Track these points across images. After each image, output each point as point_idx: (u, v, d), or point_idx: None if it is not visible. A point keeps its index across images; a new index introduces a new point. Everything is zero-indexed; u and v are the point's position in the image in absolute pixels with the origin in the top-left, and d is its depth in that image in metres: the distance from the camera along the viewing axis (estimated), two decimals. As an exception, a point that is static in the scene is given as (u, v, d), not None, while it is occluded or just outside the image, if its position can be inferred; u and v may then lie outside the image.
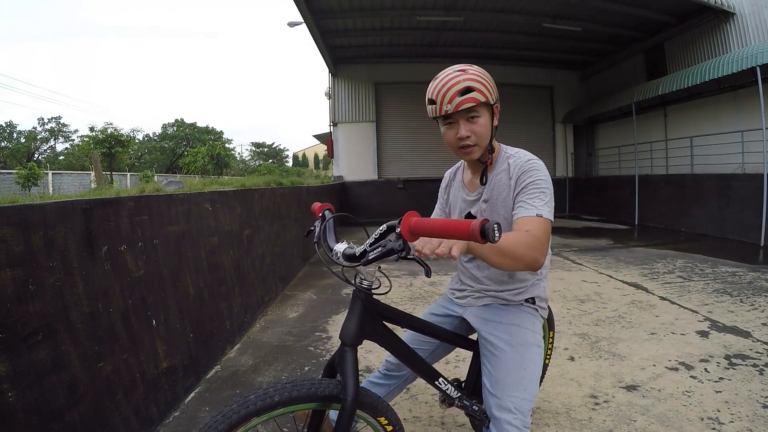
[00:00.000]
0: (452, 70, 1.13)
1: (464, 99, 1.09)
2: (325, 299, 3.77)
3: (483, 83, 1.11)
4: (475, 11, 8.33)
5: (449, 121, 1.16)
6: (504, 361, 1.17)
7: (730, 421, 1.76)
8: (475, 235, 0.69)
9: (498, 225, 0.70)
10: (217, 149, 20.80)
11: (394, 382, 1.40)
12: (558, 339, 2.71)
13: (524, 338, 1.20)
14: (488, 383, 1.18)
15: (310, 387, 0.92)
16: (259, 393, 0.88)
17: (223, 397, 2.07)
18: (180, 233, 2.27)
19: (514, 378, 1.15)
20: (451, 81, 1.10)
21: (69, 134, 31.24)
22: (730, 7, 7.40)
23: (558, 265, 4.92)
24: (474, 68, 1.14)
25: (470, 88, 1.09)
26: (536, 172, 1.13)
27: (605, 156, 10.92)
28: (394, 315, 1.11)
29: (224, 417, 0.84)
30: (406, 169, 11.07)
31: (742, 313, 3.09)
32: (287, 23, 9.79)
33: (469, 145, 1.15)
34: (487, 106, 1.15)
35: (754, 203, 6.14)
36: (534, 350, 1.20)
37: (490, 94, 1.13)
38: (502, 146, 1.26)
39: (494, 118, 1.19)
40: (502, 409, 1.11)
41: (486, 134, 1.16)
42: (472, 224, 0.69)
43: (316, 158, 42.08)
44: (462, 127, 1.14)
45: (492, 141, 1.20)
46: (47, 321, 1.33)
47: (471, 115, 1.13)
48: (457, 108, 1.10)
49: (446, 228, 0.74)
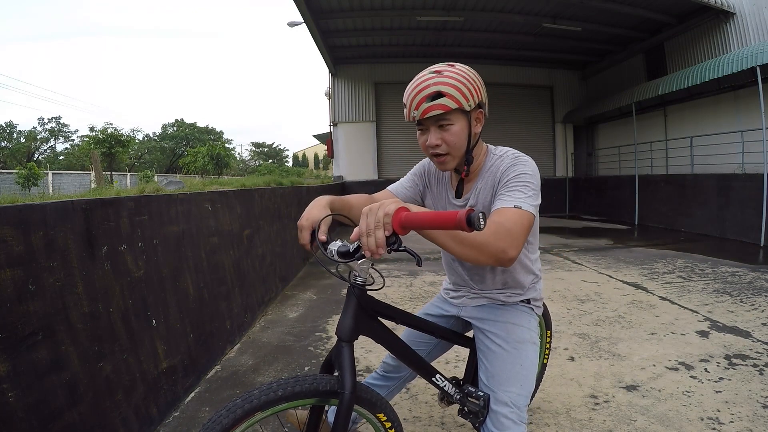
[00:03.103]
0: (427, 72, 1.04)
1: (432, 105, 1.01)
2: (325, 299, 3.77)
3: (459, 87, 1.01)
4: (475, 11, 8.34)
5: (420, 127, 1.09)
6: (500, 357, 1.18)
7: (730, 421, 1.76)
8: (462, 223, 0.72)
9: (483, 214, 0.72)
10: (217, 149, 20.78)
11: (393, 384, 1.40)
12: (558, 339, 2.71)
13: (520, 335, 1.20)
14: (484, 378, 1.19)
15: (312, 382, 0.94)
16: (262, 388, 0.89)
17: (223, 397, 2.07)
18: (180, 233, 2.27)
19: (510, 373, 1.15)
20: (422, 85, 1.02)
21: (69, 134, 31.30)
22: (730, 7, 7.40)
23: (558, 265, 4.92)
24: (453, 69, 1.04)
25: (441, 93, 1.00)
26: (521, 166, 1.05)
27: (605, 156, 10.92)
28: (388, 311, 1.12)
29: (228, 412, 0.85)
30: (406, 169, 10.82)
31: (742, 313, 3.09)
32: (287, 23, 9.80)
33: (440, 153, 1.07)
34: (463, 112, 1.04)
35: (754, 203, 6.14)
36: (529, 347, 1.20)
37: (467, 100, 1.02)
38: (490, 149, 1.17)
39: (476, 124, 1.09)
40: (499, 402, 1.11)
41: (459, 143, 1.06)
42: (459, 214, 0.73)
43: (316, 158, 42.08)
44: (432, 134, 1.06)
45: (472, 150, 1.10)
46: (47, 321, 1.33)
47: (441, 122, 1.04)
48: (424, 114, 1.02)
49: (435, 220, 0.79)
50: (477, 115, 1.09)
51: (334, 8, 8.07)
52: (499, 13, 8.43)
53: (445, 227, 0.77)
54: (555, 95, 11.76)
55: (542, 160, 11.52)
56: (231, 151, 29.76)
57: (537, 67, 11.38)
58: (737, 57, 6.30)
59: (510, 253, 0.88)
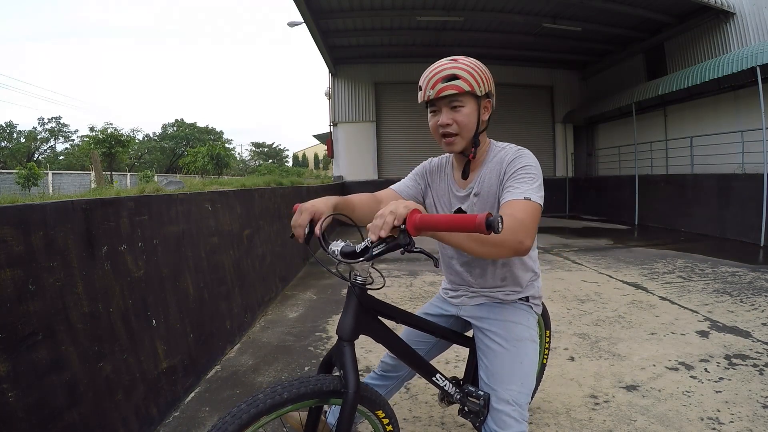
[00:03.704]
0: (445, 60, 1.14)
1: (447, 86, 1.09)
2: (325, 299, 3.77)
3: (472, 74, 1.10)
4: (475, 11, 8.34)
5: (433, 109, 1.16)
6: (500, 355, 1.18)
7: (730, 421, 1.76)
8: (481, 227, 0.73)
9: (501, 218, 0.75)
10: (217, 149, 20.79)
11: (391, 383, 1.40)
12: (558, 339, 2.71)
13: (519, 334, 1.21)
14: (485, 376, 1.19)
15: (316, 383, 0.93)
16: (267, 391, 0.88)
17: (223, 397, 2.07)
18: (180, 233, 2.27)
19: (510, 371, 1.15)
20: (439, 68, 1.11)
21: (69, 134, 31.31)
22: (730, 7, 7.40)
23: (558, 265, 4.92)
24: (468, 59, 1.13)
25: (455, 76, 1.09)
26: (525, 158, 1.12)
27: (605, 156, 10.92)
28: (388, 310, 1.12)
29: (234, 417, 0.83)
30: (406, 168, 10.87)
31: (742, 313, 3.09)
32: (287, 23, 9.80)
33: (450, 133, 1.13)
34: (474, 96, 1.12)
35: (754, 203, 6.14)
36: (529, 345, 1.21)
37: (478, 85, 1.10)
38: (492, 142, 1.24)
39: (484, 112, 1.17)
40: (500, 400, 1.12)
41: (469, 125, 1.13)
42: (478, 218, 0.74)
43: (316, 158, 42.08)
44: (444, 114, 1.13)
45: (479, 135, 1.17)
46: (47, 321, 1.33)
47: (454, 103, 1.11)
48: (439, 94, 1.09)
49: (452, 222, 0.79)
50: (486, 104, 1.17)
51: (334, 8, 8.07)
52: (499, 13, 8.43)
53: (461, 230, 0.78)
54: (555, 95, 11.76)
55: (542, 160, 11.37)
56: (231, 151, 29.78)
57: (537, 67, 11.38)
58: (737, 57, 6.30)
59: (526, 243, 0.93)
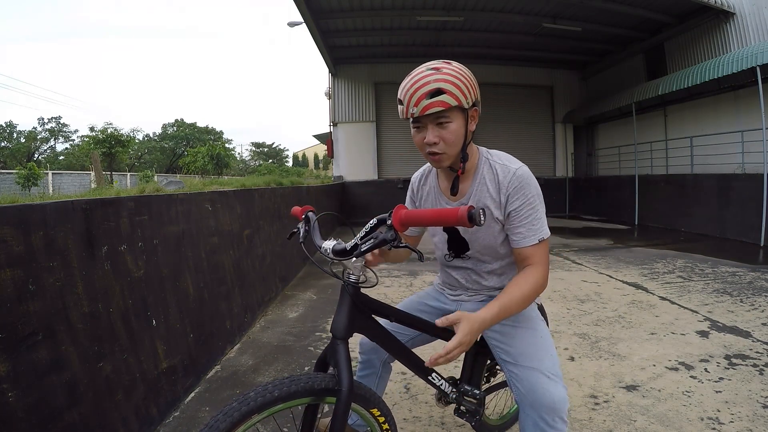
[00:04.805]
0: (424, 68, 1.02)
1: (432, 102, 0.98)
2: (325, 299, 3.77)
3: (458, 84, 1.00)
4: (475, 11, 8.34)
5: (417, 125, 1.06)
6: (518, 337, 1.18)
7: (730, 421, 1.76)
8: (463, 219, 0.75)
9: (483, 210, 0.76)
10: (217, 149, 20.80)
11: (376, 370, 1.40)
12: (558, 339, 2.71)
13: (527, 315, 1.22)
14: (511, 359, 1.17)
15: (307, 381, 0.93)
16: (258, 389, 0.88)
17: (223, 397, 2.07)
18: (180, 233, 2.27)
19: (536, 346, 1.16)
20: (421, 81, 0.99)
21: (69, 134, 31.33)
22: (730, 7, 7.40)
23: (558, 265, 4.92)
24: (451, 67, 1.02)
25: (441, 90, 0.98)
26: (527, 188, 1.08)
27: (605, 156, 10.92)
28: (382, 308, 1.12)
29: (225, 415, 0.84)
30: (406, 168, 11.06)
31: (742, 313, 3.09)
32: (287, 23, 9.80)
33: (436, 152, 1.06)
34: (461, 110, 1.03)
35: (754, 203, 6.14)
36: (539, 322, 1.23)
37: (465, 97, 1.01)
38: (481, 150, 1.17)
39: (472, 122, 1.08)
40: (540, 374, 1.10)
41: (456, 141, 1.05)
42: (460, 210, 0.75)
43: (316, 158, 42.08)
44: (430, 132, 1.03)
45: (466, 148, 1.10)
46: (47, 321, 1.33)
47: (440, 120, 1.02)
48: (424, 111, 0.99)
49: (435, 217, 0.81)
50: (473, 113, 1.08)
51: (334, 8, 8.07)
52: (499, 13, 8.43)
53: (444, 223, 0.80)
54: (555, 95, 11.75)
55: (542, 160, 11.52)
56: (231, 151, 29.80)
57: (537, 67, 11.37)
58: (737, 57, 6.30)
59: (547, 279, 1.10)
